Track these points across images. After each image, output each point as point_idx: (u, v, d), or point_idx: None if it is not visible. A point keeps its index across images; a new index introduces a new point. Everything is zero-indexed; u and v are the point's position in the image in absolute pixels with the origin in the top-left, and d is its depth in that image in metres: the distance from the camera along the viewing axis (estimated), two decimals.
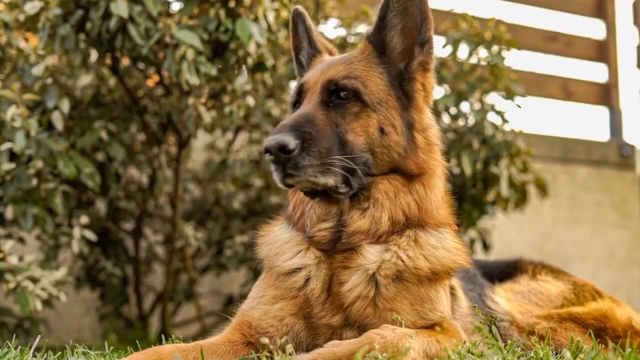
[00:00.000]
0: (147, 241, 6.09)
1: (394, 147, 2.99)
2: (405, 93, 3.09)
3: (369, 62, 3.12)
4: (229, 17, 4.52)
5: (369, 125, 2.98)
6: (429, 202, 3.03)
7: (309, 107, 3.00)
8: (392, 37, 3.14)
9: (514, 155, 5.71)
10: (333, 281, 2.96)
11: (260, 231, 3.29)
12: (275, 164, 2.84)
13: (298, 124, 2.89)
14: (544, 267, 3.87)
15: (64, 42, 4.54)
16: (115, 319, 5.89)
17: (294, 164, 2.81)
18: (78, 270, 5.77)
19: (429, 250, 3.00)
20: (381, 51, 3.13)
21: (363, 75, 3.05)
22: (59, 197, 4.68)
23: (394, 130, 3.01)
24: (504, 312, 3.42)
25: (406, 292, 2.93)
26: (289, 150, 2.79)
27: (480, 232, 6.15)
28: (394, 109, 3.04)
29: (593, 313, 3.44)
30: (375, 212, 2.95)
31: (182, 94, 4.84)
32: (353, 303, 2.91)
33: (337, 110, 2.99)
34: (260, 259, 3.20)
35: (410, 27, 3.12)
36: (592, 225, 9.27)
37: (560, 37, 9.55)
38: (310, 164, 2.83)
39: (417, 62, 3.12)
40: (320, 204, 3.02)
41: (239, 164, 6.03)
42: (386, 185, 2.98)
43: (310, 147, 2.84)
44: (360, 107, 3.00)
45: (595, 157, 9.39)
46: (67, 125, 4.78)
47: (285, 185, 2.91)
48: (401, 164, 3.00)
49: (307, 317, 2.97)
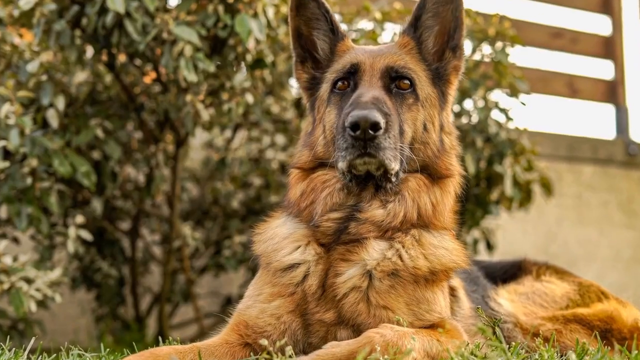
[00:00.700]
0: (144, 241, 6.09)
1: (431, 145, 3.06)
2: (442, 93, 3.16)
3: (414, 56, 3.19)
4: (228, 12, 4.51)
5: (417, 119, 3.04)
6: (443, 206, 3.07)
7: (375, 91, 2.99)
8: (426, 37, 3.23)
9: (519, 153, 5.70)
10: (329, 274, 2.97)
11: (256, 229, 3.29)
12: (356, 140, 2.82)
13: (379, 102, 2.89)
14: (548, 267, 3.88)
15: (59, 38, 4.54)
16: (112, 320, 5.88)
17: (377, 143, 2.81)
18: (73, 270, 5.76)
19: (430, 249, 3.02)
20: (419, 48, 3.21)
21: (416, 69, 3.12)
22: (54, 196, 4.68)
23: (433, 129, 3.09)
24: (508, 313, 3.42)
25: (402, 290, 2.94)
26: (379, 128, 2.79)
27: (484, 232, 6.15)
28: (434, 107, 3.12)
29: (599, 314, 3.44)
30: (397, 207, 2.98)
31: (180, 91, 4.83)
32: (346, 295, 2.91)
33: (397, 99, 3.03)
34: (257, 256, 3.21)
35: (443, 30, 3.21)
36: (598, 225, 9.27)
37: (566, 33, 9.54)
38: (389, 146, 2.85)
39: (452, 65, 3.23)
40: (339, 192, 3.02)
41: (238, 163, 6.03)
42: (413, 183, 3.02)
43: (390, 129, 2.86)
44: (414, 99, 3.05)
45: (601, 156, 9.38)
46: (63, 122, 4.78)
47: (351, 167, 2.89)
48: (432, 164, 3.06)
49: (303, 314, 2.97)
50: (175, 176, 5.35)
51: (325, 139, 3.11)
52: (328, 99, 3.17)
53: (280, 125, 5.85)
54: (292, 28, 3.36)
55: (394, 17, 5.67)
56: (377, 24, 5.55)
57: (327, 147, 3.10)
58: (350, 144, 2.84)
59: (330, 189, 3.04)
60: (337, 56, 3.28)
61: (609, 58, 9.81)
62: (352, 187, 2.99)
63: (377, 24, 5.55)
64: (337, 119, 3.03)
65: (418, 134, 3.03)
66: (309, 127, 3.36)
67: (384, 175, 2.91)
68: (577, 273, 4.04)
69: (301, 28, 3.36)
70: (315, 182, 3.08)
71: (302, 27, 3.36)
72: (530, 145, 5.79)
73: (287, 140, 5.93)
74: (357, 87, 3.06)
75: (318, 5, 3.32)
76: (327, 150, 3.10)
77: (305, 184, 3.12)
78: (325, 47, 3.35)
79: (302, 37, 3.37)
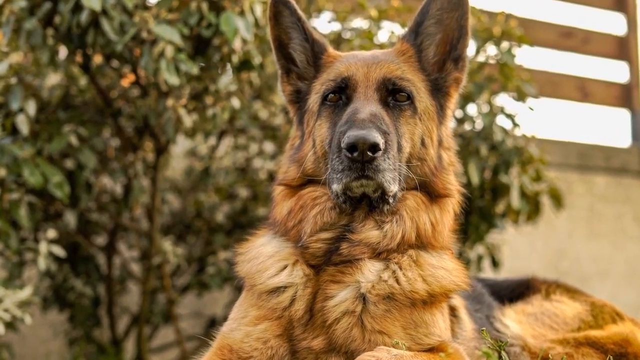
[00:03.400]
0: (121, 257, 6.07)
1: (429, 161, 3.06)
2: (441, 106, 3.15)
3: (412, 65, 3.17)
4: (212, 10, 4.52)
5: (414, 133, 3.03)
6: (442, 226, 3.07)
7: (372, 105, 2.97)
8: (427, 46, 3.22)
9: (526, 162, 5.71)
10: (317, 297, 2.96)
11: (239, 248, 3.28)
12: (353, 162, 2.81)
13: (377, 120, 2.88)
14: (558, 286, 3.88)
15: (29, 37, 4.53)
16: (86, 343, 5.86)
17: (375, 165, 2.80)
18: (45, 289, 5.74)
19: (429, 270, 3.01)
20: (418, 57, 3.20)
21: (414, 79, 3.11)
22: (24, 209, 4.66)
23: (431, 144, 3.08)
24: (515, 335, 3.42)
25: (398, 313, 2.93)
26: (378, 149, 2.78)
27: (489, 248, 6.15)
28: (432, 121, 3.11)
29: (613, 337, 3.44)
30: (395, 228, 2.97)
31: (160, 95, 4.83)
32: (338, 321, 2.90)
33: (394, 112, 3.02)
34: (241, 278, 3.20)
35: (446, 39, 3.20)
36: (611, 240, 9.29)
37: (577, 32, 9.58)
38: (388, 167, 2.84)
39: (452, 77, 3.22)
40: (330, 211, 3.00)
41: (223, 173, 6.02)
42: (411, 202, 3.01)
43: (389, 150, 2.85)
44: (412, 112, 3.04)
45: (615, 165, 9.41)
46: (33, 129, 4.76)
47: (347, 189, 2.88)
48: (429, 181, 3.05)
49: (291, 340, 2.96)
50: (155, 187, 5.34)
51: (316, 154, 3.11)
52: (318, 111, 3.17)
53: (269, 131, 5.85)
54: (272, 38, 3.38)
55: (391, 15, 5.68)
56: (373, 23, 5.56)
57: (317, 163, 3.10)
58: (347, 166, 2.83)
59: (320, 207, 3.03)
60: (325, 66, 3.28)
61: (623, 59, 9.86)
62: (345, 207, 2.99)
63: (373, 23, 5.57)
64: (330, 133, 3.03)
65: (416, 149, 3.03)
66: (295, 140, 3.34)
67: (381, 197, 2.91)
68: (590, 291, 4.05)
69: (282, 37, 3.38)
70: (305, 198, 3.07)
71: (283, 36, 3.37)
72: (538, 153, 5.80)
73: (276, 148, 5.93)
74: (351, 99, 3.05)
75: (291, 13, 3.33)
76: (317, 166, 3.10)
77: (293, 201, 3.11)
78: (302, 59, 3.36)
79: (284, 47, 3.39)
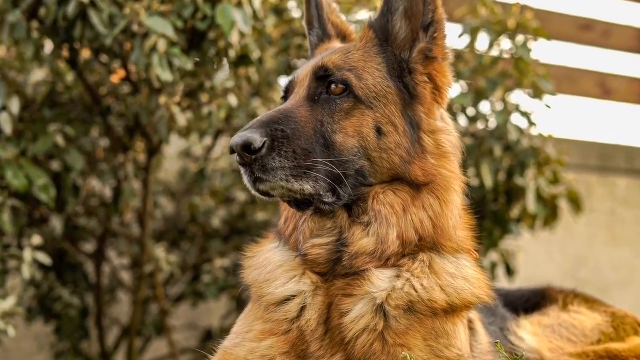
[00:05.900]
0: (110, 265, 6.08)
1: (395, 149, 2.98)
2: (407, 86, 3.07)
3: (368, 51, 3.11)
4: (208, 1, 4.52)
5: (362, 124, 2.97)
6: (445, 219, 3.01)
7: (291, 103, 3.02)
8: (395, 22, 3.13)
9: (543, 164, 5.71)
10: (332, 312, 2.95)
11: (247, 252, 3.27)
12: (242, 166, 2.86)
13: (272, 120, 2.90)
14: (576, 296, 3.88)
15: (13, 31, 4.54)
16: (74, 357, 5.86)
17: (261, 165, 2.82)
18: (29, 299, 5.74)
19: (446, 279, 2.98)
20: (383, 38, 3.12)
21: (360, 67, 3.04)
22: (7, 214, 4.67)
23: (395, 130, 2.99)
24: (531, 349, 3.42)
25: (419, 326, 2.92)
26: (254, 150, 2.80)
27: (503, 255, 6.15)
28: (393, 104, 3.02)
29: (635, 350, 3.44)
30: (380, 229, 2.94)
31: (153, 92, 4.83)
32: (357, 338, 2.90)
33: (325, 107, 2.98)
34: (248, 286, 3.18)
35: (415, 9, 3.09)
36: (634, 246, 9.28)
37: (597, 25, 9.57)
38: (282, 166, 2.83)
39: (417, 49, 3.09)
40: (312, 217, 3.02)
41: (220, 175, 6.03)
42: (391, 198, 2.96)
43: (282, 147, 2.85)
44: (353, 103, 2.99)
45: (639, 166, 9.40)
46: (17, 128, 4.77)
47: (259, 192, 2.92)
48: (404, 170, 2.98)
49: (302, 358, 2.95)
50: (147, 190, 5.35)
51: None
52: None
53: None
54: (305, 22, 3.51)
55: None
56: None
57: None
58: (242, 170, 2.89)
59: (305, 215, 3.05)
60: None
61: None
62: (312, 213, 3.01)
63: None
64: None
65: (370, 140, 2.96)
66: None
67: (314, 197, 2.91)
68: (611, 302, 4.05)
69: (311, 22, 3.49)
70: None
71: (311, 21, 3.49)
72: (556, 154, 5.80)
73: None
74: None
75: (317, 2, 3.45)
76: None
77: (287, 208, 3.14)
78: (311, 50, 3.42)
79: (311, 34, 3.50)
